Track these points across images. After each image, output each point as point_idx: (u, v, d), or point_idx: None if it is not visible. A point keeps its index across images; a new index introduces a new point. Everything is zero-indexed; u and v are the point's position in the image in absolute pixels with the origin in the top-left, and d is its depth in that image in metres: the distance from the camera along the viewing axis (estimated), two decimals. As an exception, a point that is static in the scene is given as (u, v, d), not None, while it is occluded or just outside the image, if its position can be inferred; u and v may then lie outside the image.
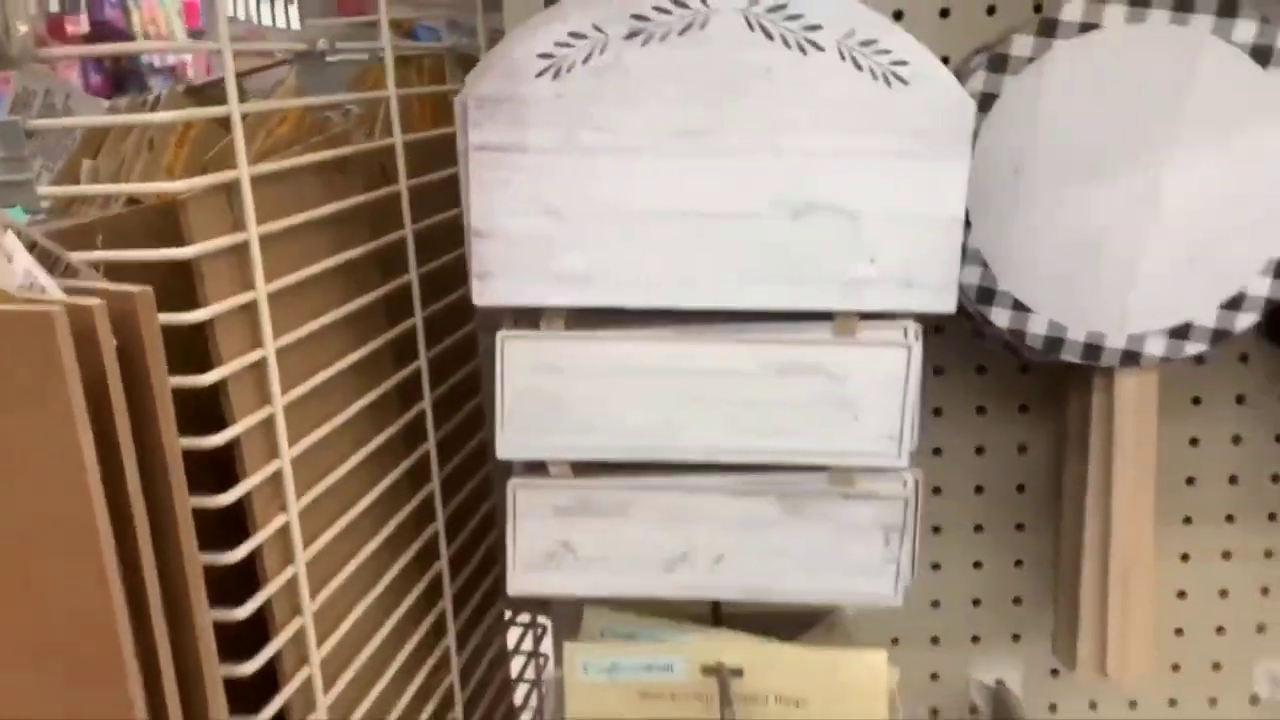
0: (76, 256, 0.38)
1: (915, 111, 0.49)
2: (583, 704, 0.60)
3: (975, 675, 0.79)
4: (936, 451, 0.75)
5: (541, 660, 0.85)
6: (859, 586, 0.55)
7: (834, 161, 0.49)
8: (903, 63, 0.48)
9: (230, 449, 0.44)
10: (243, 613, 0.43)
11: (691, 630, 0.60)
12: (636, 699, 0.59)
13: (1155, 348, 0.60)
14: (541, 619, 0.85)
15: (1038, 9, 0.66)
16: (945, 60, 0.56)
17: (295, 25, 0.75)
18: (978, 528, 0.76)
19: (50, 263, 0.38)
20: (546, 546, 0.55)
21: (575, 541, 0.55)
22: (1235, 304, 0.58)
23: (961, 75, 0.59)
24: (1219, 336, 0.59)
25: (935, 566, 0.77)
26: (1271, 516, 0.75)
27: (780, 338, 0.52)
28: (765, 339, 0.52)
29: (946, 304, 0.51)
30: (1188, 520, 0.75)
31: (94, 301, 0.34)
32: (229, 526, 0.44)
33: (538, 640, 0.84)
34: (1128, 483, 0.62)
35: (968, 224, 0.59)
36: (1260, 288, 0.58)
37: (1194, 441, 0.74)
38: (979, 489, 0.75)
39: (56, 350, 0.33)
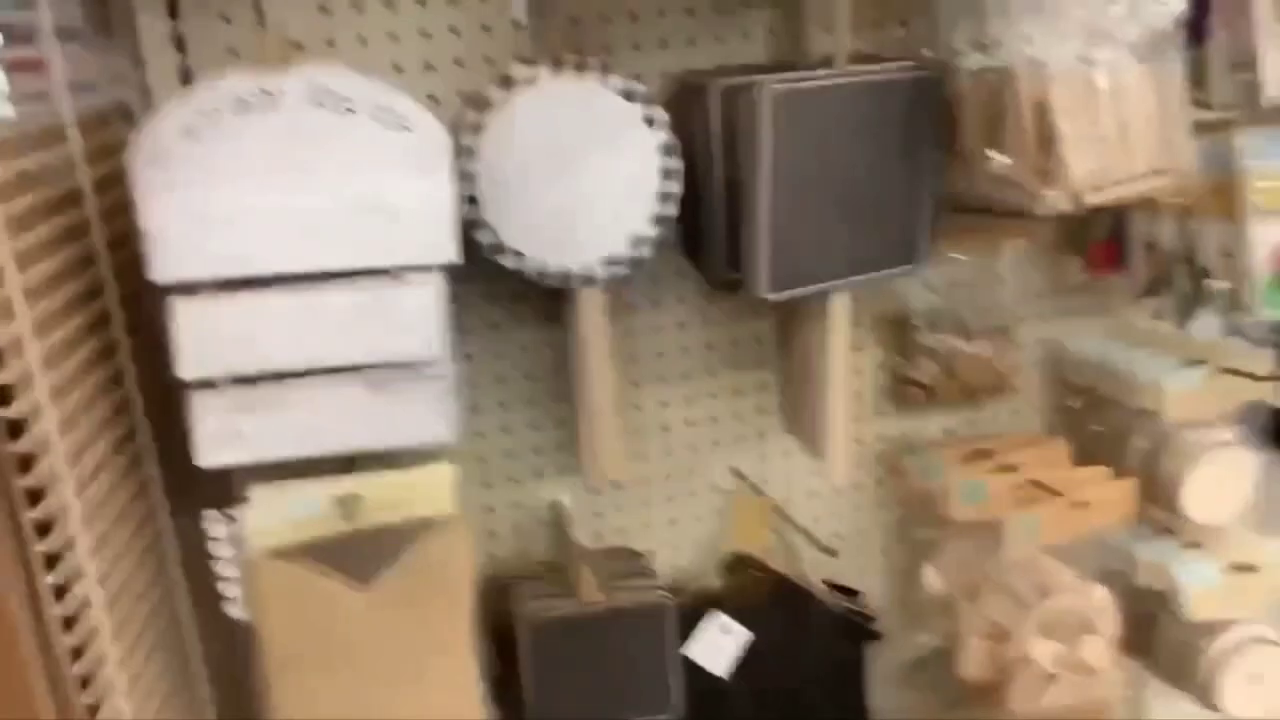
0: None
1: (418, 147, 0.83)
2: (260, 541, 0.91)
3: (543, 499, 1.17)
4: (499, 355, 1.11)
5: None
6: (428, 434, 0.90)
7: (377, 176, 0.83)
8: (406, 117, 0.83)
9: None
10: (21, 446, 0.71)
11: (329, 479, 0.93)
12: (294, 529, 0.91)
13: (599, 271, 0.98)
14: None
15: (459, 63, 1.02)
16: (434, 99, 0.91)
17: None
18: (530, 401, 1.14)
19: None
20: (222, 434, 0.86)
21: (242, 429, 0.86)
22: (638, 242, 0.98)
23: (462, 111, 0.94)
24: (634, 262, 0.98)
25: (505, 430, 1.14)
26: (711, 372, 1.18)
27: (359, 285, 0.85)
28: (351, 287, 0.85)
29: (451, 256, 0.86)
30: (661, 379, 1.17)
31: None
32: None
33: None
34: (594, 357, 1.01)
35: (478, 202, 0.95)
36: (647, 230, 0.98)
37: (657, 329, 1.15)
38: (528, 376, 1.13)
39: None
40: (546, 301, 1.11)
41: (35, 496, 0.72)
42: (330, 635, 0.92)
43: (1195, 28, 1.00)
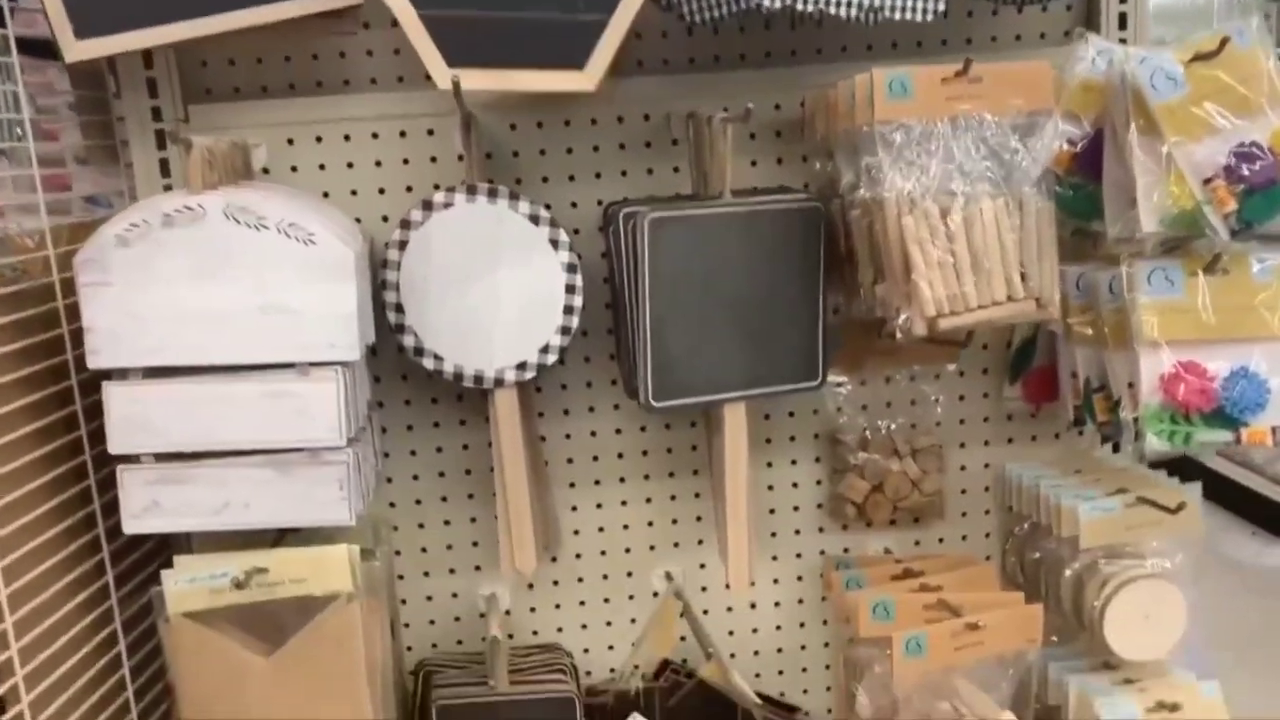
0: None
1: (321, 258, 0.94)
2: (179, 605, 1.00)
3: (480, 592, 1.24)
4: (413, 453, 1.20)
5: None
6: (329, 515, 0.99)
7: (284, 284, 0.94)
8: (312, 234, 0.94)
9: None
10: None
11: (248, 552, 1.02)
12: (208, 596, 1.01)
13: (509, 375, 1.07)
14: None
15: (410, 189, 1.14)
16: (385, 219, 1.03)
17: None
18: (444, 499, 1.21)
19: None
20: (143, 504, 0.97)
21: (161, 500, 0.97)
22: (545, 350, 1.06)
23: (392, 229, 1.06)
24: (541, 368, 1.07)
25: (447, 523, 1.22)
26: (646, 477, 1.23)
27: (269, 378, 0.96)
28: (262, 379, 0.96)
29: (353, 355, 0.96)
30: (597, 482, 1.23)
31: None
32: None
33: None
34: (507, 455, 1.08)
35: (403, 309, 1.05)
36: (556, 340, 1.06)
37: (593, 434, 1.22)
38: (441, 474, 1.21)
39: None
40: (463, 404, 1.19)
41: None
42: (237, 697, 1.00)
43: (1094, 164, 1.03)
